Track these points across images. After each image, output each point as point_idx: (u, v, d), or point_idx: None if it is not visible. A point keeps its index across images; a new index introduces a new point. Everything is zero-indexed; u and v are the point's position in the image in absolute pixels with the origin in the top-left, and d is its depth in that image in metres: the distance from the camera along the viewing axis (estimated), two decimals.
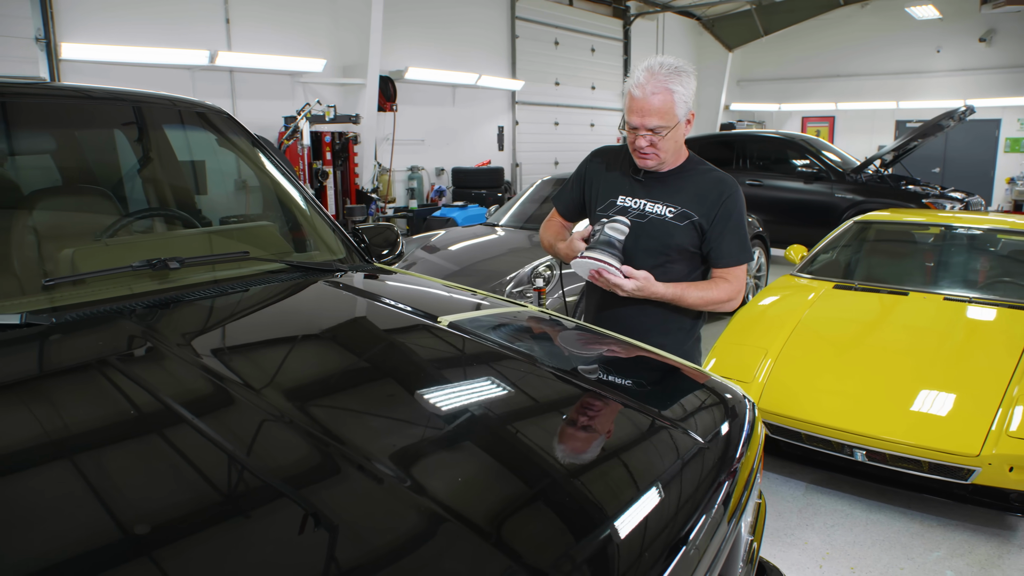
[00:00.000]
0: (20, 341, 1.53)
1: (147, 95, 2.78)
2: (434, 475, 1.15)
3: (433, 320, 1.79)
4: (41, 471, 1.10)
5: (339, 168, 9.26)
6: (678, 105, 2.10)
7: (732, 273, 2.25)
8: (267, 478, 1.10)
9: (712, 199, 2.22)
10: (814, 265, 4.96)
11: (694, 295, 2.22)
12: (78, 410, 1.29)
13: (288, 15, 9.10)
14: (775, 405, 3.43)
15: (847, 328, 3.99)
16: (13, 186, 2.38)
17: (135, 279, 1.95)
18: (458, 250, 5.93)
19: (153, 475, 1.09)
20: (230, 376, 1.40)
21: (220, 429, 1.23)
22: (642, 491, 1.22)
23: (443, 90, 11.65)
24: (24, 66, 7.12)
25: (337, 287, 2.09)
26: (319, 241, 2.62)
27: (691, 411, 1.55)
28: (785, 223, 8.91)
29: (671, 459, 1.33)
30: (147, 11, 7.82)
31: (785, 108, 18.77)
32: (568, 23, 14.18)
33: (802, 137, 10.45)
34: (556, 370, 1.58)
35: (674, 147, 2.20)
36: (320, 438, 1.19)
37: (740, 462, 1.44)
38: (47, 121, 2.52)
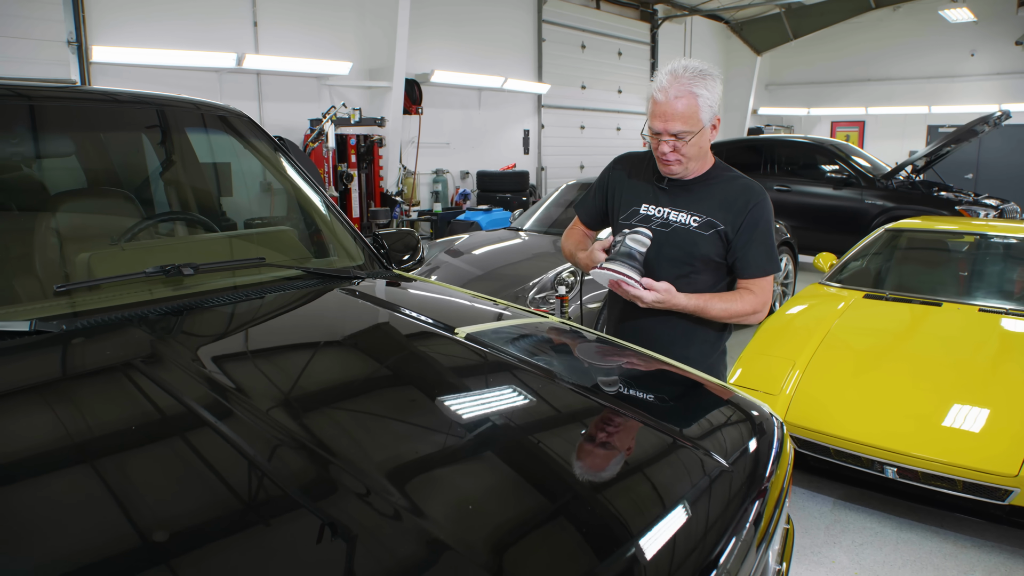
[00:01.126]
0: (28, 349, 1.51)
1: (168, 98, 2.77)
2: (445, 496, 1.10)
3: (450, 331, 1.74)
4: (34, 484, 1.07)
5: (364, 171, 9.28)
6: (702, 110, 2.02)
7: (758, 284, 2.16)
8: (268, 493, 1.06)
9: (738, 207, 2.13)
10: (844, 273, 4.84)
11: (717, 307, 2.14)
12: (80, 420, 1.26)
13: (315, 18, 9.14)
14: (803, 419, 3.34)
15: (878, 339, 3.88)
16: (33, 189, 2.38)
17: (149, 285, 1.93)
18: (481, 255, 5.89)
19: (153, 487, 1.06)
20: (237, 389, 1.36)
21: (217, 443, 1.20)
22: (666, 512, 1.17)
23: (469, 93, 11.64)
24: (56, 68, 7.22)
25: (353, 295, 2.05)
26: (338, 246, 2.58)
27: (717, 430, 1.48)
28: (814, 229, 8.76)
29: (695, 480, 1.27)
30: (176, 14, 7.90)
31: (814, 112, 18.53)
32: (595, 26, 14.11)
33: (831, 142, 10.28)
34: (576, 386, 1.52)
35: (699, 153, 2.12)
36: (321, 455, 1.15)
37: (768, 484, 1.37)
38: (69, 124, 2.52)
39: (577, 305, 4.84)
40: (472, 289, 5.10)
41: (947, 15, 14.93)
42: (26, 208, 2.27)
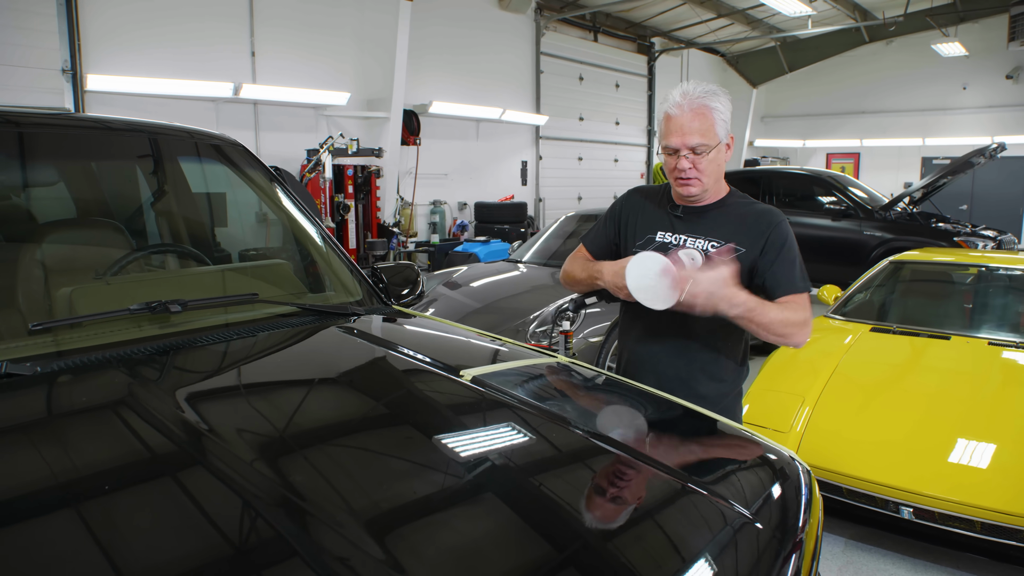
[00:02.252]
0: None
1: (160, 126, 2.69)
2: (444, 549, 1.00)
3: (455, 374, 1.64)
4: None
5: (361, 202, 9.23)
6: (717, 123, 1.97)
7: (796, 300, 1.97)
8: (245, 548, 0.96)
9: (759, 230, 2.03)
10: (848, 306, 4.76)
11: (773, 310, 1.92)
12: (46, 472, 1.16)
13: (314, 48, 9.15)
14: (814, 457, 3.22)
15: (887, 374, 3.78)
16: (17, 219, 2.29)
17: (133, 323, 1.82)
18: (480, 287, 5.80)
19: (126, 543, 0.97)
20: (220, 439, 1.25)
21: (193, 498, 1.10)
22: (684, 570, 1.06)
23: (467, 124, 11.64)
24: (50, 97, 7.19)
25: (350, 333, 1.95)
26: (335, 281, 2.49)
27: (738, 480, 1.38)
28: (813, 261, 8.51)
29: (715, 533, 1.17)
30: (173, 43, 7.88)
31: (810, 144, 18.63)
32: (592, 59, 14.20)
33: (829, 173, 10.28)
34: (590, 432, 1.42)
35: (716, 172, 2.03)
36: (306, 508, 1.04)
37: (802, 536, 1.27)
38: (57, 152, 2.43)
39: (579, 338, 4.73)
40: (471, 322, 5.04)
41: (939, 49, 15.09)
42: (8, 239, 2.17)
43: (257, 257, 3.04)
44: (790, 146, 19.01)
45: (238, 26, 8.47)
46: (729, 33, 15.60)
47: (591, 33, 14.23)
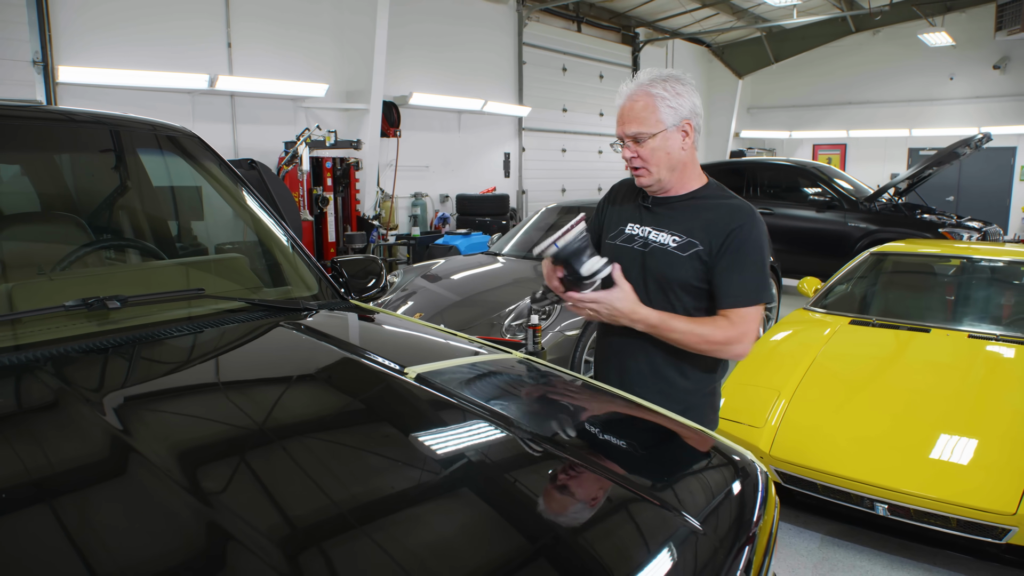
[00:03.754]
0: None
1: (113, 117, 2.59)
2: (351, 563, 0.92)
3: (399, 372, 1.56)
4: None
5: (340, 194, 9.10)
6: (660, 110, 1.88)
7: (737, 314, 1.90)
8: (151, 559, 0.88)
9: (720, 228, 1.92)
10: (829, 298, 4.71)
11: (680, 326, 1.89)
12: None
13: (291, 40, 9.00)
14: (788, 453, 3.17)
15: (865, 367, 3.73)
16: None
17: (70, 320, 1.74)
18: (460, 280, 5.74)
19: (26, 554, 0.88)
20: (137, 446, 1.17)
21: (102, 505, 1.02)
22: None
23: (448, 116, 11.52)
24: (21, 89, 7.03)
25: (297, 330, 1.87)
26: (292, 275, 2.41)
27: (688, 485, 1.30)
28: (797, 253, 8.67)
29: (657, 544, 1.09)
30: (147, 34, 7.73)
31: (796, 135, 18.60)
32: (576, 49, 14.09)
33: (814, 165, 10.23)
34: (533, 434, 1.35)
35: (666, 160, 1.94)
36: (214, 514, 0.96)
37: (748, 548, 1.20)
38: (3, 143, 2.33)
39: (556, 331, 4.67)
40: (450, 315, 4.97)
41: (926, 39, 15.06)
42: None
43: (234, 251, 2.94)
44: (776, 137, 18.98)
45: (213, 17, 8.32)
46: (714, 23, 15.52)
47: (574, 23, 14.12)
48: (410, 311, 5.11)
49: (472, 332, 4.74)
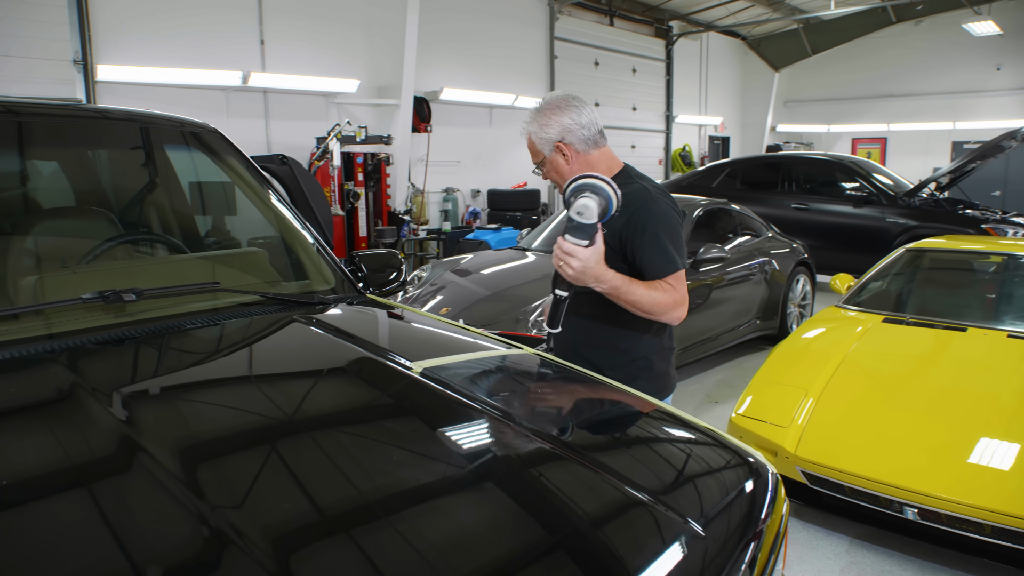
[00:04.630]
0: None
1: (139, 114, 2.63)
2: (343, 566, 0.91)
3: (406, 366, 1.55)
4: None
5: (371, 189, 9.16)
6: (537, 142, 2.27)
7: (668, 282, 2.13)
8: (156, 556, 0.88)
9: (624, 212, 2.11)
10: (862, 296, 4.60)
11: (640, 288, 2.09)
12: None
13: (323, 37, 9.08)
14: (815, 453, 3.10)
15: (898, 366, 3.63)
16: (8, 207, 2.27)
17: (87, 312, 1.77)
18: (489, 274, 5.73)
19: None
20: (138, 436, 1.18)
21: (105, 498, 1.03)
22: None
23: (479, 111, 11.52)
24: (61, 88, 7.20)
25: (310, 323, 1.87)
26: (311, 268, 2.42)
27: (691, 488, 1.27)
28: (833, 249, 8.49)
29: (656, 550, 1.06)
30: (183, 32, 7.86)
31: (834, 129, 18.25)
32: (608, 43, 13.98)
33: (851, 159, 10.01)
34: (535, 431, 1.32)
35: (559, 177, 2.28)
36: (210, 511, 0.96)
37: (750, 552, 1.16)
38: (29, 140, 2.38)
39: None
40: (478, 310, 4.97)
41: (971, 28, 14.64)
42: None
43: (265, 245, 2.97)
44: (814, 131, 18.64)
45: (247, 15, 8.42)
46: (750, 15, 15.27)
47: (607, 17, 14.01)
48: (438, 305, 5.13)
49: (498, 327, 4.73)
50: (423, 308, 5.13)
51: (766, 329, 6.46)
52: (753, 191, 9.51)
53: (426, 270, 6.03)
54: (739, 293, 6.05)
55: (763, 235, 6.76)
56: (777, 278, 6.50)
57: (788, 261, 6.73)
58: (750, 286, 6.19)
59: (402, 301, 5.45)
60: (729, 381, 5.84)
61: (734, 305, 6.00)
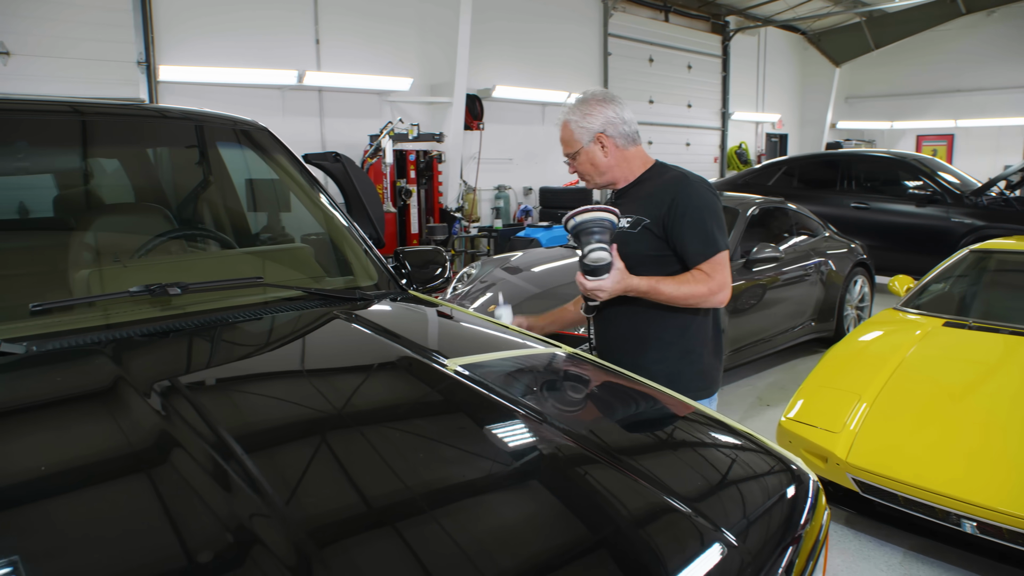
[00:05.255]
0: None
1: (190, 112, 2.70)
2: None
3: (441, 364, 1.55)
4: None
5: (423, 186, 9.23)
6: (575, 132, 2.29)
7: (708, 266, 2.18)
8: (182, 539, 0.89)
9: (660, 200, 2.23)
10: (922, 298, 4.43)
11: (668, 286, 2.17)
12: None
13: (377, 35, 9.18)
14: (867, 461, 2.99)
15: (958, 373, 3.48)
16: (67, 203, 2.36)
17: (134, 305, 1.82)
18: (541, 272, 5.72)
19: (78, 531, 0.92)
20: (177, 428, 1.20)
21: (141, 485, 1.05)
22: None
23: (532, 108, 11.50)
24: (126, 88, 7.44)
25: (350, 319, 1.88)
26: (355, 264, 2.44)
27: (728, 495, 1.23)
28: (894, 249, 8.21)
29: (687, 558, 1.03)
30: (241, 33, 8.04)
31: (898, 126, 17.65)
32: (663, 39, 13.79)
33: (915, 156, 9.66)
34: (567, 432, 1.30)
35: (593, 170, 2.34)
36: (243, 499, 0.97)
37: (788, 564, 1.12)
38: (85, 139, 2.46)
39: None
40: (528, 307, 4.95)
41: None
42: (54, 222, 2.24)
43: (311, 241, 3.03)
44: (876, 128, 18.06)
45: (302, 14, 8.57)
46: (810, 9, 14.87)
47: (662, 13, 13.82)
48: (487, 303, 5.14)
49: None
50: (472, 305, 5.15)
51: (822, 331, 6.29)
52: (811, 189, 9.27)
53: (475, 267, 6.05)
54: (794, 294, 5.91)
55: (820, 235, 6.58)
56: (834, 279, 6.32)
57: (846, 262, 6.54)
58: (805, 287, 6.04)
59: (451, 297, 5.47)
60: (782, 384, 5.70)
61: (788, 306, 5.86)
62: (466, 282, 5.78)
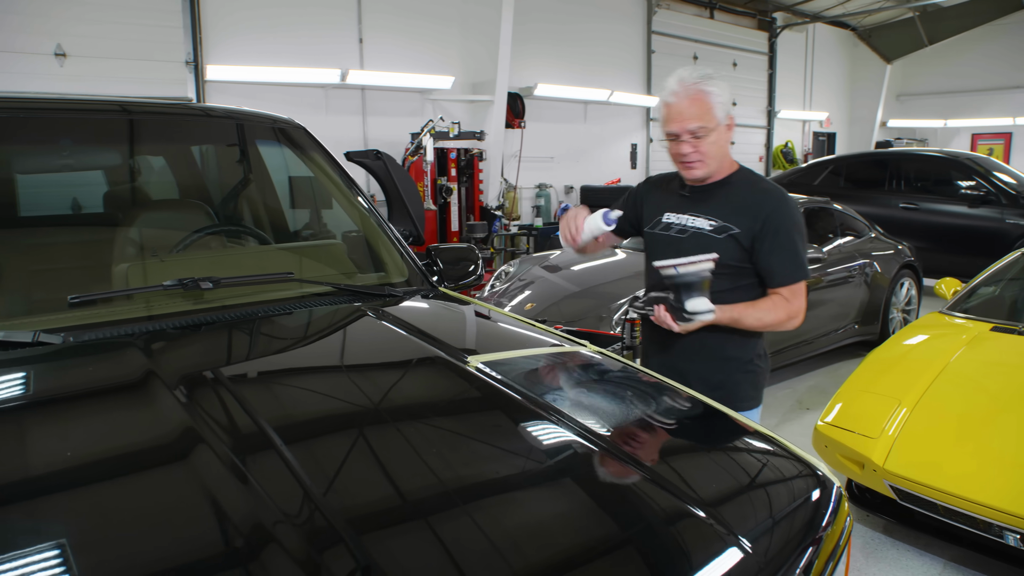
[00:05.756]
0: (20, 359, 1.48)
1: (229, 111, 2.76)
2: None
3: (462, 360, 1.56)
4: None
5: (464, 184, 9.27)
6: (715, 107, 2.05)
7: (790, 291, 2.11)
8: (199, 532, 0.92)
9: (754, 212, 2.10)
10: (970, 301, 4.29)
11: (751, 318, 2.10)
12: (35, 441, 1.18)
13: (419, 34, 9.25)
14: (905, 468, 2.91)
15: (1004, 379, 3.35)
16: (77, 202, 2.42)
17: (168, 299, 1.87)
18: (580, 271, 5.71)
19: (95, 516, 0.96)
20: (201, 416, 1.23)
21: (169, 472, 1.08)
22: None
23: (574, 106, 11.46)
24: (175, 88, 7.63)
25: (377, 315, 1.90)
26: (387, 261, 2.47)
27: (745, 500, 1.21)
28: (944, 252, 7.98)
29: (699, 563, 1.02)
30: (286, 32, 8.17)
31: (952, 124, 17.11)
32: (708, 37, 13.61)
33: (968, 155, 9.36)
34: (582, 430, 1.29)
35: (718, 153, 2.11)
36: (248, 494, 0.99)
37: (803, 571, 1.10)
38: (128, 138, 2.53)
39: None
40: (566, 305, 4.96)
41: None
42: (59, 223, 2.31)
43: (352, 238, 3.08)
44: (929, 126, 17.53)
45: (346, 13, 8.68)
46: (860, 4, 14.51)
47: (707, 9, 13.64)
48: (524, 300, 5.16)
49: (582, 324, 4.70)
50: (510, 303, 5.17)
51: (865, 334, 6.14)
52: (858, 189, 9.06)
53: (513, 265, 6.06)
54: (837, 296, 5.78)
55: (866, 236, 6.43)
56: (879, 281, 6.17)
57: (892, 263, 6.38)
58: (848, 289, 5.91)
59: (488, 295, 5.50)
60: (823, 387, 5.59)
61: (831, 308, 5.74)
62: (504, 280, 5.79)
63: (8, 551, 0.87)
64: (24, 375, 1.46)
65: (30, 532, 0.92)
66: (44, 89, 6.79)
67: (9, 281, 1.96)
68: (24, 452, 1.15)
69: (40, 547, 0.89)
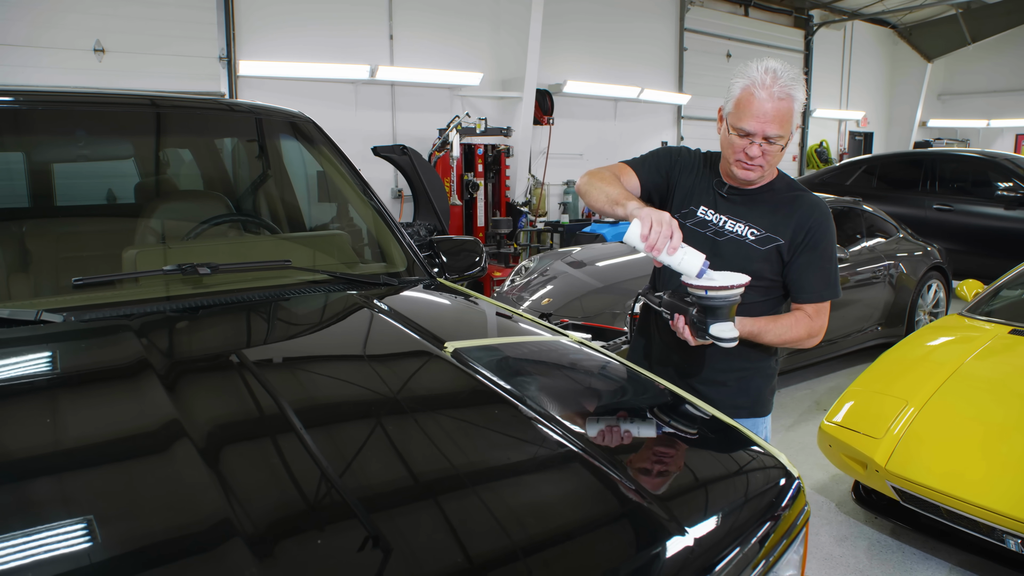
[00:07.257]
0: (21, 338, 1.56)
1: (240, 104, 2.83)
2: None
3: (438, 346, 1.60)
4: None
5: (490, 180, 9.31)
6: (796, 114, 1.88)
7: (815, 308, 1.99)
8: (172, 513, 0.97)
9: (798, 224, 1.96)
10: (992, 304, 4.20)
11: (772, 333, 1.97)
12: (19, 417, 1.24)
13: (449, 28, 9.32)
14: (908, 469, 2.88)
15: (1017, 383, 3.29)
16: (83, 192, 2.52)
17: (167, 283, 1.94)
18: (604, 267, 5.71)
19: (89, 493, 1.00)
20: (180, 397, 1.29)
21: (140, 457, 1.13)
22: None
23: (604, 104, 11.43)
24: (208, 83, 7.81)
25: (369, 304, 1.95)
26: (387, 252, 2.52)
27: (698, 491, 1.22)
28: (977, 254, 7.80)
29: (632, 552, 1.04)
30: (317, 28, 8.30)
31: (995, 124, 16.68)
32: (742, 34, 13.47)
33: (1007, 156, 9.13)
34: (543, 418, 1.32)
35: (779, 161, 1.97)
36: (213, 480, 1.04)
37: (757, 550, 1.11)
38: (166, 130, 2.64)
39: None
40: (588, 301, 4.97)
41: None
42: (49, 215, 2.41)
43: (355, 230, 3.15)
44: (971, 126, 17.12)
45: (377, 9, 8.78)
46: (900, 1, 14.22)
47: (741, 7, 13.50)
48: (544, 295, 5.20)
49: (598, 320, 4.72)
50: (531, 297, 5.20)
51: (890, 336, 6.04)
52: (891, 190, 8.90)
53: (533, 261, 6.08)
54: (860, 297, 5.70)
55: (894, 237, 6.33)
56: (905, 283, 6.07)
57: (919, 265, 6.26)
58: (873, 290, 5.82)
59: (508, 290, 5.53)
60: (842, 388, 5.47)
61: (855, 310, 5.66)
62: (524, 275, 5.82)
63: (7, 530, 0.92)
64: (27, 350, 1.54)
65: (34, 507, 0.97)
66: (83, 83, 7.00)
67: (33, 265, 2.07)
68: (20, 424, 1.21)
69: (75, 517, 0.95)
